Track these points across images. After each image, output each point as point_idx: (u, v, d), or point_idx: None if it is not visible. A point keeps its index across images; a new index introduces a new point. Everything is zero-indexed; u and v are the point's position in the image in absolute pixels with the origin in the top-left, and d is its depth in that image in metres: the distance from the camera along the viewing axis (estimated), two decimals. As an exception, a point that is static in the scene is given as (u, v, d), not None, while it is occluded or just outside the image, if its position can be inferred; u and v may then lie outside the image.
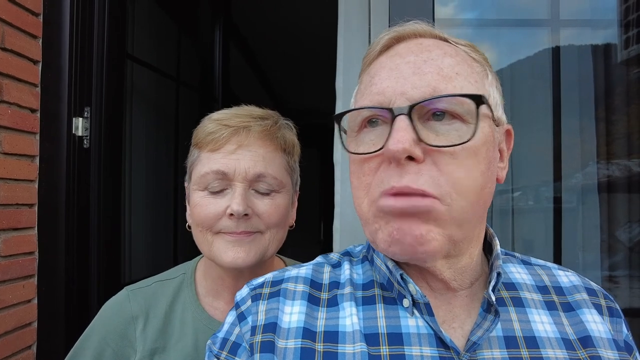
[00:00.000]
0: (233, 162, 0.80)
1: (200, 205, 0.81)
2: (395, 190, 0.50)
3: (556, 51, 1.57)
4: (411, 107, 0.50)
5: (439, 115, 0.52)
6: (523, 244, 1.62)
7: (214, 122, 0.82)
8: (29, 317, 1.38)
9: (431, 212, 0.49)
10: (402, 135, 0.49)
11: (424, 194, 0.49)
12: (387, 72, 0.55)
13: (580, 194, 1.61)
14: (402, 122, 0.50)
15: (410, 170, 0.50)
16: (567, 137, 1.52)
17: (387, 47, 0.59)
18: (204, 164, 0.82)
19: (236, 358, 0.58)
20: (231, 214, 0.79)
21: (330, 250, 0.82)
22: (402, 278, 0.56)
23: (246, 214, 0.79)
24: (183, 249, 2.38)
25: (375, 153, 0.53)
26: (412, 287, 0.55)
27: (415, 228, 0.50)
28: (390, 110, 0.51)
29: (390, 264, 0.57)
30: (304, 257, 1.03)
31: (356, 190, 0.57)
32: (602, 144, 1.61)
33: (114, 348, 0.84)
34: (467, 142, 0.50)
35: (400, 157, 0.49)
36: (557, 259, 1.54)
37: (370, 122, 0.55)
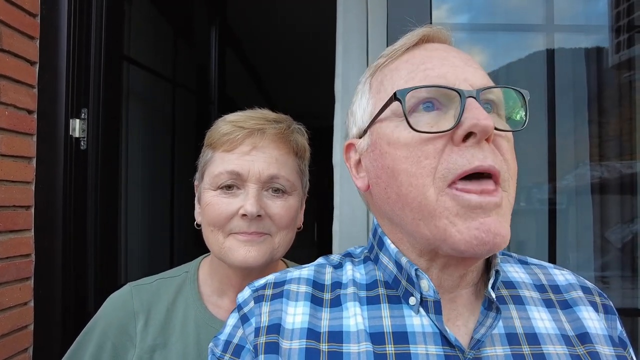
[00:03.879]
0: (247, 164, 0.80)
1: (213, 205, 0.82)
2: (483, 169, 0.49)
3: (550, 55, 1.59)
4: (479, 91, 0.52)
5: (488, 106, 0.54)
6: (516, 245, 1.64)
7: (229, 124, 0.83)
8: (25, 320, 1.37)
9: (503, 203, 0.51)
10: (484, 112, 0.49)
11: (495, 182, 0.50)
12: (439, 60, 0.55)
13: (574, 195, 1.64)
14: (476, 103, 0.50)
15: (488, 150, 0.50)
16: (560, 140, 1.54)
17: (419, 44, 0.60)
18: (218, 164, 0.82)
19: None
20: (244, 215, 0.79)
21: (327, 252, 0.83)
22: (416, 274, 0.56)
23: (259, 215, 0.80)
24: (179, 251, 2.37)
25: (446, 132, 0.51)
26: (426, 283, 0.55)
27: (500, 227, 0.49)
28: (458, 91, 0.51)
29: (404, 260, 0.57)
30: (299, 259, 1.03)
31: (415, 177, 0.52)
32: (594, 145, 1.64)
33: (114, 341, 0.84)
34: (522, 128, 0.53)
35: (491, 132, 0.49)
36: (552, 260, 1.56)
37: (425, 105, 0.53)
